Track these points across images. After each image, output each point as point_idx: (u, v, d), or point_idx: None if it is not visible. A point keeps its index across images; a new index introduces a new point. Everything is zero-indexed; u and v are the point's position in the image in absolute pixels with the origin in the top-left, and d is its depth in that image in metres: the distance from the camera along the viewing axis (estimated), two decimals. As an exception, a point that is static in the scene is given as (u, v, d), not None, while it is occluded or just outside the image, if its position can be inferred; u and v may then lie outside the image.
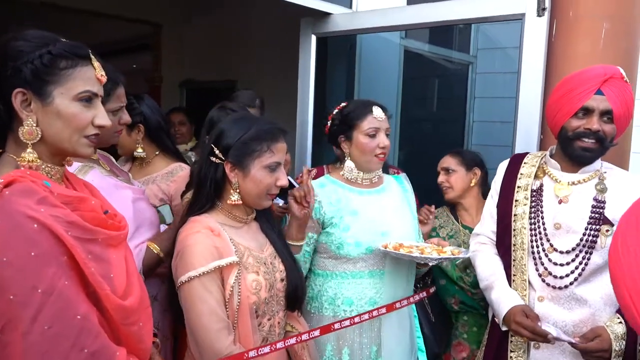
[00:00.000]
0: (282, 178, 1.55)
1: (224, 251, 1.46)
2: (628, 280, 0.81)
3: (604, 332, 1.61)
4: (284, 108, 3.14)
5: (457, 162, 2.34)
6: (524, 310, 1.69)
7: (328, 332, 1.62)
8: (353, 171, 1.93)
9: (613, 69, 1.69)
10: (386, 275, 1.85)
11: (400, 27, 2.88)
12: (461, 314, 2.27)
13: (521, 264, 1.78)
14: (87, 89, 1.12)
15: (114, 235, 1.16)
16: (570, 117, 1.71)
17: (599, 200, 1.72)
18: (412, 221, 1.99)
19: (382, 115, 1.88)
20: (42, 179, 1.08)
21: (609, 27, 2.08)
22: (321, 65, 2.95)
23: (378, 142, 1.85)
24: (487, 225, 1.95)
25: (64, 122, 1.10)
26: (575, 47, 2.13)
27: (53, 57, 1.08)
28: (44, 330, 0.98)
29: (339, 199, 1.87)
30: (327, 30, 2.82)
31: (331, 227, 1.84)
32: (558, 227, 1.74)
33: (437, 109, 4.92)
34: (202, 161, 1.57)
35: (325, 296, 1.86)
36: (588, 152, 1.71)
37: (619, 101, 1.67)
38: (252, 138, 1.50)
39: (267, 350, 1.43)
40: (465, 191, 2.33)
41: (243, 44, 4.85)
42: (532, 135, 2.23)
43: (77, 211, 1.09)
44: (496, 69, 4.62)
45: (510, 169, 1.92)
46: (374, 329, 1.84)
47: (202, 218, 1.52)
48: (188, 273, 1.41)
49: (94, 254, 1.09)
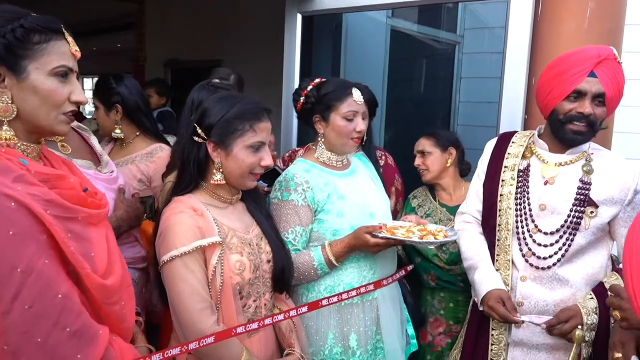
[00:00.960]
0: (266, 158, 1.53)
1: (206, 231, 1.45)
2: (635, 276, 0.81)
3: (573, 306, 1.65)
4: (270, 87, 3.12)
5: (432, 143, 2.35)
6: (501, 296, 1.72)
7: (316, 309, 1.60)
8: (325, 153, 1.89)
9: (606, 49, 1.67)
10: (380, 254, 1.84)
11: (386, 6, 2.86)
12: (437, 290, 2.30)
13: (505, 244, 1.80)
14: (62, 63, 1.10)
15: (94, 214, 1.14)
16: (562, 99, 1.70)
17: (584, 182, 1.72)
18: (384, 195, 2.00)
19: (361, 99, 1.85)
20: (18, 157, 1.06)
21: (594, 7, 2.08)
22: (307, 44, 2.92)
23: (355, 126, 1.83)
24: (472, 204, 1.96)
25: (40, 98, 1.09)
26: (561, 26, 2.13)
27: (26, 30, 1.06)
28: (24, 310, 0.97)
29: (326, 182, 1.83)
30: (313, 9, 2.78)
31: (323, 213, 1.80)
32: (543, 208, 1.75)
33: (423, 89, 4.91)
34: (185, 141, 1.56)
35: (323, 285, 1.81)
36: (579, 136, 1.70)
37: (612, 83, 1.65)
38: (235, 117, 1.48)
39: (255, 326, 1.43)
40: (442, 171, 2.35)
41: (228, 22, 4.79)
42: (516, 115, 2.24)
43: (56, 189, 1.08)
44: (483, 49, 4.62)
45: (498, 148, 1.91)
46: (373, 310, 1.85)
47: (186, 198, 1.52)
48: (170, 252, 1.41)
49: (73, 233, 1.08)
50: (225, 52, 4.84)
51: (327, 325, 1.80)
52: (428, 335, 2.30)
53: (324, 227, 1.80)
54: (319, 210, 1.80)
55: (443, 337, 2.28)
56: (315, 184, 1.80)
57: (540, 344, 1.76)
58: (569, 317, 1.63)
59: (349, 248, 1.75)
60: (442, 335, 2.28)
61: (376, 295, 1.85)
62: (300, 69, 2.85)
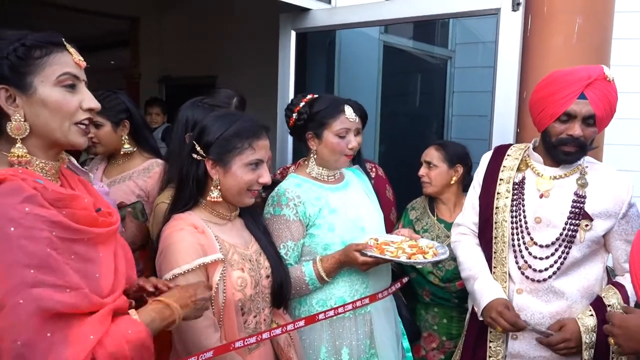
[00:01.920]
0: (264, 175, 1.54)
1: (208, 248, 1.45)
2: None
3: (570, 323, 1.66)
4: (264, 103, 3.14)
5: (440, 157, 2.30)
6: (506, 305, 1.72)
7: (313, 322, 1.61)
8: (316, 168, 1.90)
9: (596, 70, 1.67)
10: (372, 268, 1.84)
11: (379, 23, 2.90)
12: (432, 306, 2.29)
13: (502, 256, 1.80)
14: (65, 71, 1.11)
15: (104, 232, 1.15)
16: (553, 121, 1.71)
17: (579, 195, 1.73)
18: (378, 209, 2.01)
19: (353, 115, 1.86)
20: (35, 177, 1.07)
21: (582, 22, 2.13)
22: (301, 60, 2.95)
23: (348, 143, 1.84)
24: (468, 216, 1.96)
25: (50, 110, 1.10)
26: (550, 41, 2.17)
27: (27, 48, 1.08)
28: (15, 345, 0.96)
29: (318, 197, 1.83)
30: (307, 26, 2.82)
31: (314, 228, 1.81)
32: (538, 221, 1.76)
33: (416, 104, 4.95)
34: (183, 158, 1.56)
35: (315, 299, 1.82)
36: (570, 157, 1.72)
37: (602, 104, 1.66)
38: (233, 135, 1.49)
39: (253, 340, 1.42)
40: (445, 187, 2.31)
41: (223, 39, 4.83)
42: (508, 128, 2.27)
43: (69, 209, 1.09)
44: (474, 64, 4.68)
45: (493, 161, 1.92)
46: (367, 324, 1.85)
47: (186, 215, 1.52)
48: (172, 271, 1.40)
49: (78, 255, 1.07)
50: (220, 69, 4.88)
51: (319, 339, 1.80)
52: (421, 350, 2.29)
53: (315, 241, 1.80)
54: (311, 224, 1.81)
55: (436, 353, 2.26)
56: (306, 199, 1.81)
57: (537, 357, 1.76)
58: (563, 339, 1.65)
59: (339, 264, 1.76)
60: (435, 351, 2.27)
61: (369, 308, 1.85)
62: (295, 84, 2.88)
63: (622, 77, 2.36)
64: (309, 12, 2.79)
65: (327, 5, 2.90)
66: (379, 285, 1.88)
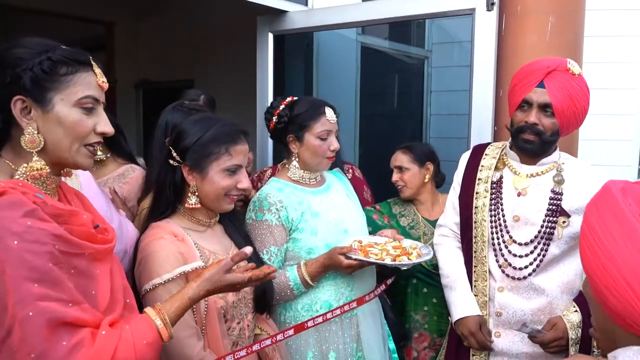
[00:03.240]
0: (243, 180, 1.51)
1: (188, 256, 1.43)
2: (627, 274, 0.80)
3: (559, 321, 1.68)
4: (243, 106, 3.13)
5: (409, 159, 2.34)
6: (480, 323, 1.78)
7: (302, 331, 1.59)
8: (297, 171, 1.89)
9: (557, 61, 1.70)
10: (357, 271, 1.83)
11: (356, 24, 2.91)
12: (420, 305, 2.31)
13: (482, 255, 1.82)
14: (87, 94, 1.09)
15: (102, 249, 1.13)
16: (515, 109, 1.75)
17: (556, 192, 1.75)
18: (360, 210, 2.01)
19: (334, 117, 1.86)
20: (34, 191, 1.05)
21: (554, 20, 2.17)
22: (279, 63, 2.94)
23: (329, 145, 1.84)
24: (449, 217, 1.98)
25: (65, 130, 1.08)
26: (524, 40, 2.21)
27: (53, 63, 1.06)
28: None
29: (300, 201, 1.83)
30: (284, 28, 2.82)
31: (297, 232, 1.80)
32: (517, 220, 1.78)
33: (394, 104, 4.98)
34: (160, 164, 1.54)
35: (300, 304, 1.81)
36: (528, 145, 1.73)
37: (561, 95, 1.67)
38: (210, 140, 1.46)
39: (244, 353, 1.40)
40: (420, 187, 2.35)
41: (199, 42, 4.79)
42: (486, 127, 2.30)
43: (67, 225, 1.07)
44: (451, 63, 4.73)
45: (472, 161, 1.94)
46: (353, 327, 1.84)
47: (164, 223, 1.49)
48: (152, 281, 1.38)
49: (78, 269, 1.06)
50: (197, 72, 4.84)
51: (306, 344, 1.79)
52: (413, 351, 2.30)
53: (299, 245, 1.80)
54: (294, 229, 1.80)
55: (428, 352, 2.28)
56: (289, 203, 1.80)
57: (520, 353, 1.78)
58: (551, 326, 1.67)
59: (324, 268, 1.75)
60: (426, 350, 2.29)
61: (356, 311, 1.84)
62: (274, 87, 2.87)
63: (595, 73, 2.42)
64: (286, 15, 2.79)
65: (304, 7, 2.91)
66: (365, 288, 1.88)
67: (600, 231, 0.85)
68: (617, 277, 0.81)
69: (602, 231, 0.85)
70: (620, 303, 0.82)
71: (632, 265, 0.80)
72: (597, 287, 0.85)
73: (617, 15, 2.77)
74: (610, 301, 0.83)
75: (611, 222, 0.84)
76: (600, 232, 0.85)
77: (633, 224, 0.82)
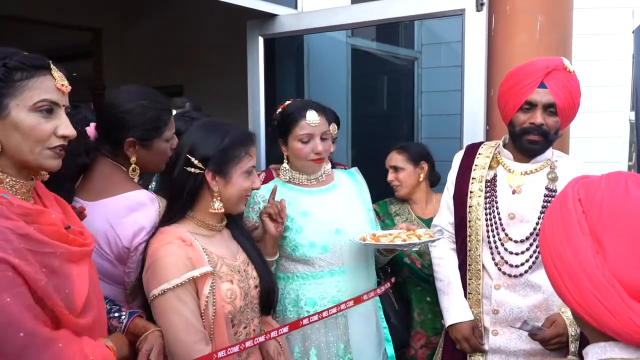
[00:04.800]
0: (256, 181, 1.56)
1: (197, 261, 1.43)
2: (557, 260, 0.84)
3: (558, 318, 1.68)
4: (233, 110, 3.12)
5: (404, 159, 2.37)
6: (473, 327, 1.81)
7: (297, 328, 1.60)
8: (287, 173, 1.92)
9: (555, 60, 1.72)
10: (347, 273, 1.86)
11: (346, 26, 2.92)
12: (416, 303, 2.32)
13: (476, 254, 1.83)
14: (43, 97, 1.09)
15: (75, 251, 1.13)
16: (516, 111, 1.75)
17: (550, 189, 1.77)
18: (366, 214, 1.99)
19: (317, 120, 1.83)
20: (0, 192, 1.05)
21: (543, 20, 2.19)
22: (270, 66, 2.94)
23: (312, 148, 1.83)
24: (444, 217, 1.98)
25: (22, 135, 1.08)
26: (513, 39, 2.23)
27: (8, 70, 1.06)
28: None
29: (288, 201, 1.85)
30: (274, 32, 2.82)
31: (285, 230, 1.83)
32: (512, 217, 1.79)
33: (386, 105, 5.00)
34: (176, 172, 1.51)
35: (288, 299, 1.85)
36: (535, 145, 1.76)
37: (562, 93, 1.70)
38: (231, 145, 1.49)
39: (236, 349, 1.41)
40: (415, 186, 2.37)
41: (188, 47, 4.77)
42: (478, 126, 2.31)
43: (36, 224, 1.07)
44: (440, 64, 4.75)
45: (465, 160, 1.94)
46: (339, 327, 1.85)
47: (172, 228, 1.48)
48: (161, 286, 1.37)
49: (50, 268, 1.06)
50: (186, 77, 4.82)
51: (294, 339, 1.83)
52: (411, 349, 2.31)
53: (285, 242, 1.84)
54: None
55: (425, 350, 2.29)
56: None
57: (518, 351, 1.79)
58: (550, 323, 1.67)
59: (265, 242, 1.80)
60: (423, 349, 2.29)
61: (344, 312, 1.84)
62: (265, 91, 2.87)
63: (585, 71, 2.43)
64: (276, 18, 2.79)
65: (294, 10, 2.91)
66: (357, 290, 1.86)
67: (546, 221, 0.89)
68: (551, 265, 0.86)
69: (547, 220, 0.89)
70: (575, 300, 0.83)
71: (560, 250, 0.83)
72: (552, 280, 0.88)
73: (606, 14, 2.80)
74: (564, 294, 0.85)
75: (555, 211, 0.87)
76: (546, 221, 0.89)
77: (570, 210, 0.83)
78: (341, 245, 1.85)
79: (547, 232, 0.87)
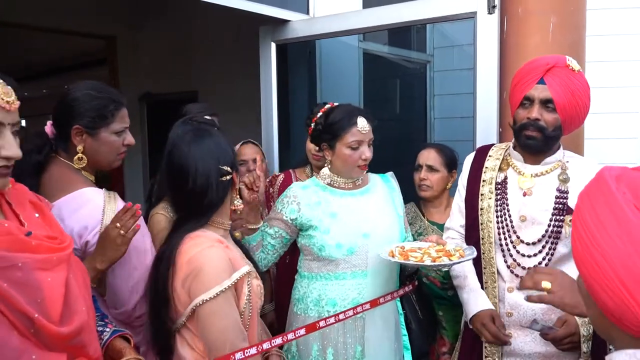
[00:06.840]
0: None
1: (235, 262, 1.45)
2: (621, 271, 0.73)
3: (570, 318, 1.66)
4: (246, 115, 3.14)
5: (442, 161, 2.35)
6: (492, 315, 1.76)
7: (314, 331, 1.62)
8: (327, 178, 1.95)
9: (557, 58, 1.72)
10: (369, 276, 1.86)
11: (357, 31, 2.93)
12: (436, 308, 2.30)
13: (489, 256, 1.82)
14: None
15: (41, 259, 1.08)
16: (517, 107, 1.76)
17: (561, 191, 1.75)
18: (397, 220, 1.98)
19: (367, 127, 1.86)
20: None
21: (556, 21, 2.17)
22: (282, 72, 2.96)
23: (360, 154, 1.86)
24: (456, 219, 1.98)
25: None
26: (526, 41, 2.22)
27: None
28: None
29: (319, 201, 1.88)
30: (286, 37, 2.84)
31: (312, 229, 1.86)
32: (523, 220, 1.78)
33: (398, 108, 4.99)
34: (215, 187, 1.48)
35: (310, 297, 1.88)
36: (532, 141, 1.74)
37: (562, 90, 1.68)
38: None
39: (254, 351, 1.41)
40: (441, 192, 2.37)
41: (202, 53, 4.82)
42: (491, 128, 2.30)
43: None
44: (453, 66, 4.74)
45: (476, 162, 1.94)
46: (357, 329, 1.85)
47: (203, 232, 1.48)
48: (213, 289, 1.36)
49: (13, 280, 1.02)
50: (201, 83, 4.86)
51: (313, 337, 1.84)
52: (435, 352, 2.30)
53: (312, 242, 1.86)
54: (307, 226, 1.87)
55: (447, 357, 2.27)
56: (304, 201, 1.88)
57: (533, 353, 1.78)
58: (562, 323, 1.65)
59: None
60: (446, 355, 2.28)
61: (363, 314, 1.85)
62: (278, 96, 2.89)
63: (599, 72, 2.42)
64: (288, 24, 2.81)
65: (306, 16, 2.93)
66: (374, 293, 1.87)
67: (592, 223, 0.78)
68: (610, 274, 0.74)
69: (593, 223, 0.78)
70: (613, 301, 0.75)
71: (625, 261, 0.73)
72: (590, 284, 0.79)
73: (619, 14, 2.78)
74: (604, 299, 0.76)
75: (604, 213, 0.77)
76: (592, 224, 0.78)
77: (627, 215, 0.74)
78: (367, 249, 1.86)
79: (593, 239, 0.78)
